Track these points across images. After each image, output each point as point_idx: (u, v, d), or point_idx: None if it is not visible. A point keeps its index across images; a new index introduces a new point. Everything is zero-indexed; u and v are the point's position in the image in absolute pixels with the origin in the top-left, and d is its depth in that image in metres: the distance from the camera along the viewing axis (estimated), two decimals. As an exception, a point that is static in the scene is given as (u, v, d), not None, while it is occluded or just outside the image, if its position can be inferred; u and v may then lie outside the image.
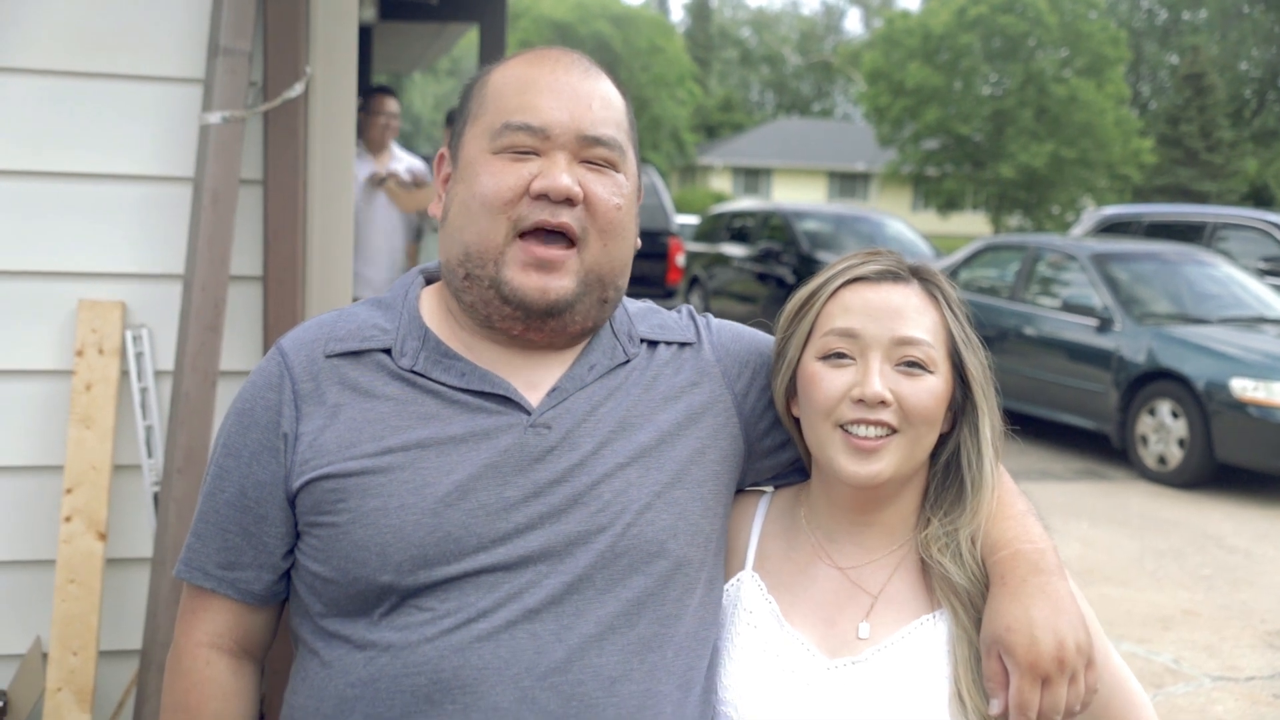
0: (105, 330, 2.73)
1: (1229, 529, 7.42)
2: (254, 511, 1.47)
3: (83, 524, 2.70)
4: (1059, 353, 9.58)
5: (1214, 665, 5.19)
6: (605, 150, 1.47)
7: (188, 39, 2.73)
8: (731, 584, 1.59)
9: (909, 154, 37.72)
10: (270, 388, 1.49)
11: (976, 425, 1.54)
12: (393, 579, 1.39)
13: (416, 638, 1.37)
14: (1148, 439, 8.71)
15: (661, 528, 1.45)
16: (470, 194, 1.46)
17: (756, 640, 1.53)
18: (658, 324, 1.62)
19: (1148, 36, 50.09)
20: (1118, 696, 1.53)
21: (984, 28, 35.14)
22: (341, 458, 1.42)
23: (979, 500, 1.52)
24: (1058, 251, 10.40)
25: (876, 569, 1.55)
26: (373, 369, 1.48)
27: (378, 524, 1.39)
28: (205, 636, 1.51)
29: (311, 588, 1.46)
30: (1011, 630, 1.40)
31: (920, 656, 1.48)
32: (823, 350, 1.51)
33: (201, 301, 2.66)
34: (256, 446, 1.47)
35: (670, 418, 1.52)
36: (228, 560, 1.49)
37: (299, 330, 1.55)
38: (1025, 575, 1.44)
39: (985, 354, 1.57)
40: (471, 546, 1.39)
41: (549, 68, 1.48)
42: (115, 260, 2.75)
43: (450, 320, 1.53)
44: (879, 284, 1.53)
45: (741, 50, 68.60)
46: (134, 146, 2.73)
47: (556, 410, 1.47)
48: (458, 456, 1.42)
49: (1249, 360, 8.30)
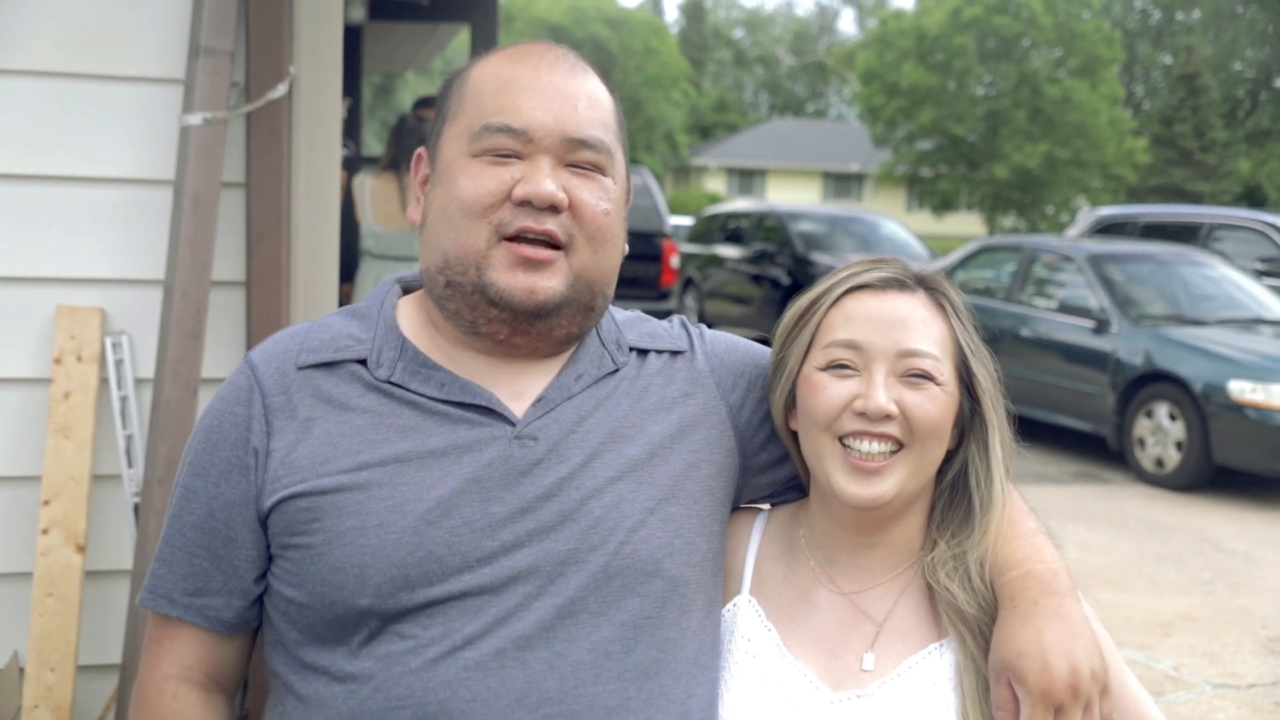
0: (84, 337, 2.67)
1: (1228, 532, 7.37)
2: (223, 534, 1.40)
3: (61, 536, 2.64)
4: (1055, 354, 9.54)
5: (1214, 672, 5.13)
6: (592, 153, 1.40)
7: (168, 38, 2.68)
8: (729, 609, 1.52)
9: (903, 155, 37.77)
10: (238, 402, 1.42)
11: (986, 441, 1.47)
12: (372, 602, 1.31)
13: (400, 669, 1.30)
14: (1145, 441, 8.67)
15: (656, 546, 1.38)
16: (449, 199, 1.39)
17: (756, 671, 1.46)
18: (647, 332, 1.55)
19: (1141, 37, 50.18)
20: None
21: (978, 28, 35.21)
22: (315, 474, 1.35)
23: (988, 520, 1.45)
24: (1054, 252, 10.37)
25: (880, 594, 1.48)
26: (347, 380, 1.41)
27: (355, 544, 1.32)
28: (173, 669, 1.44)
29: (286, 614, 1.39)
30: (1023, 656, 1.34)
31: (927, 690, 1.42)
32: (824, 361, 1.45)
33: (183, 308, 2.60)
34: (225, 465, 1.40)
35: (662, 429, 1.45)
36: (195, 586, 1.42)
37: (269, 342, 1.48)
38: (1037, 597, 1.37)
39: (995, 365, 1.50)
40: (456, 566, 1.32)
41: (532, 65, 1.41)
42: (94, 266, 2.69)
43: (430, 329, 1.46)
44: (884, 292, 1.46)
45: (735, 51, 68.65)
46: (113, 149, 2.68)
47: (543, 421, 1.40)
48: (439, 471, 1.35)
49: (1247, 362, 8.26)
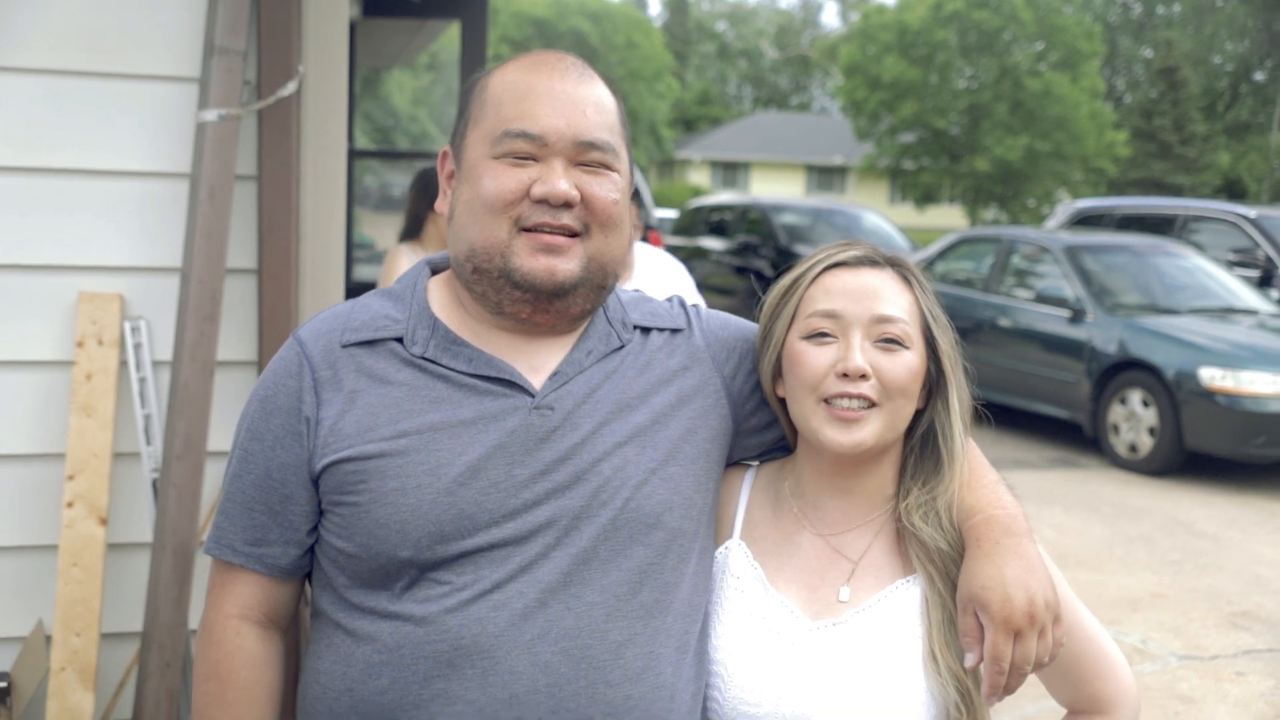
0: (105, 322, 2.81)
1: (1198, 515, 7.57)
2: (279, 492, 1.57)
3: (84, 509, 2.78)
4: (1032, 343, 9.73)
5: (1180, 645, 5.33)
6: (600, 154, 1.57)
7: (184, 39, 2.81)
8: (721, 552, 1.69)
9: (886, 147, 37.86)
10: (291, 375, 1.58)
11: (949, 399, 1.65)
12: (412, 554, 1.49)
13: (437, 609, 1.48)
14: (1119, 427, 8.86)
15: (658, 501, 1.56)
16: (474, 195, 1.56)
17: (744, 604, 1.64)
18: (649, 311, 1.72)
19: (1122, 30, 50.41)
20: (1089, 653, 1.63)
21: (960, 22, 35.31)
22: (361, 441, 1.52)
23: (954, 468, 1.63)
24: (1031, 244, 10.54)
25: (856, 536, 1.66)
26: (386, 357, 1.57)
27: (397, 503, 1.49)
28: (235, 609, 1.61)
29: (335, 562, 1.56)
30: (987, 588, 1.51)
31: (896, 618, 1.60)
32: (807, 330, 1.62)
33: (199, 294, 2.75)
34: (280, 431, 1.57)
35: (664, 399, 1.63)
36: (255, 537, 1.59)
37: (315, 322, 1.65)
38: (998, 538, 1.55)
39: (954, 333, 1.68)
40: (484, 522, 1.49)
41: (546, 75, 1.57)
42: (114, 254, 2.83)
43: (458, 309, 1.63)
44: (858, 268, 1.65)
45: (719, 44, 68.62)
46: (132, 144, 2.81)
47: (558, 393, 1.57)
48: (469, 438, 1.52)
49: (1217, 350, 8.46)
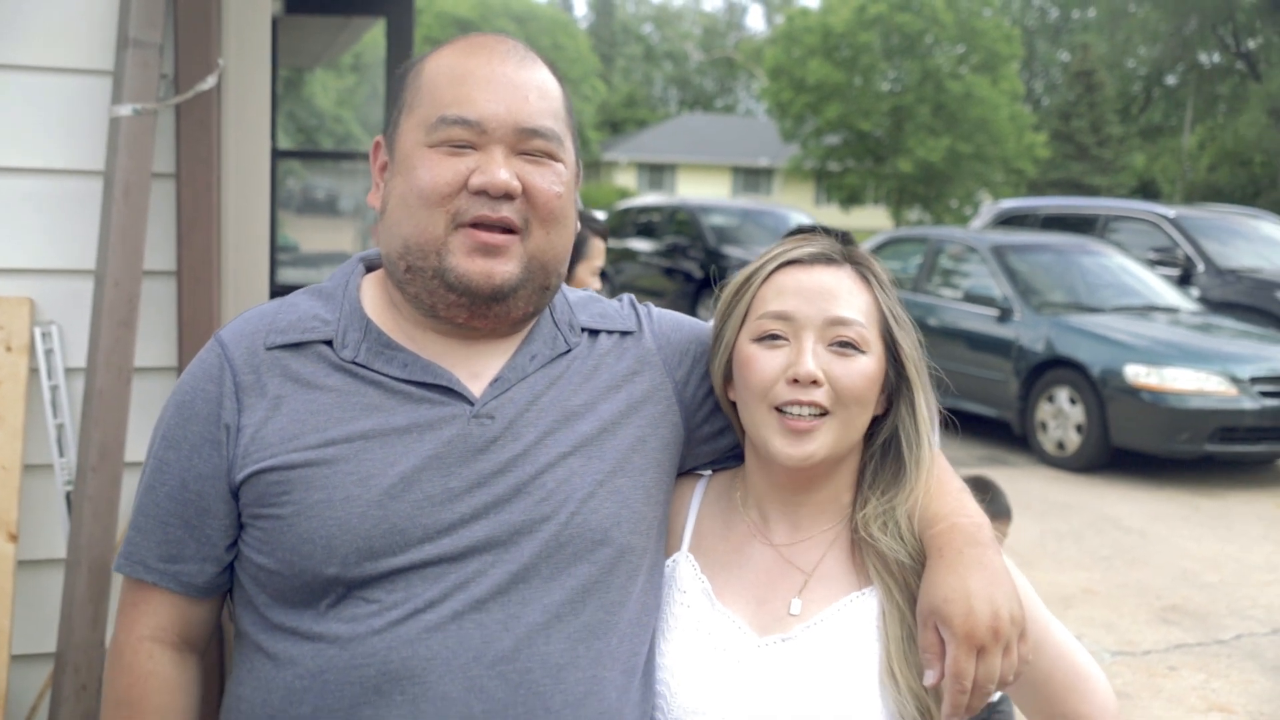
0: (13, 327, 2.67)
1: (1125, 510, 7.68)
2: (195, 504, 1.46)
3: (-8, 526, 2.64)
4: (961, 342, 9.81)
5: (1113, 640, 5.38)
6: (543, 142, 1.46)
7: (96, 30, 2.68)
8: (669, 564, 1.60)
9: (811, 149, 38.11)
10: (210, 379, 1.47)
11: (913, 404, 1.57)
12: (338, 571, 1.38)
13: (364, 629, 1.37)
14: (1047, 425, 8.97)
15: (605, 516, 1.46)
16: (408, 187, 1.45)
17: (690, 619, 1.55)
18: (598, 313, 1.62)
19: (1040, 34, 51.36)
20: (1060, 669, 1.53)
21: (883, 25, 35.64)
22: (284, 450, 1.41)
23: (918, 477, 1.54)
24: (959, 244, 10.66)
25: (810, 547, 1.57)
26: (314, 360, 1.46)
27: (323, 516, 1.39)
28: (147, 630, 1.49)
29: (256, 579, 1.45)
30: (949, 601, 1.40)
31: (851, 632, 1.50)
32: (757, 332, 1.53)
33: (115, 297, 2.62)
34: (197, 439, 1.45)
35: (612, 407, 1.53)
36: (169, 553, 1.48)
37: (238, 322, 1.53)
38: (962, 548, 1.45)
39: (918, 334, 1.59)
40: (417, 538, 1.39)
41: (484, 58, 1.46)
42: (23, 256, 2.69)
43: (392, 310, 1.52)
44: (812, 266, 1.55)
45: (644, 46, 68.77)
46: (42, 140, 2.68)
47: (499, 400, 1.47)
48: (402, 448, 1.42)
49: (1141, 347, 8.59)
